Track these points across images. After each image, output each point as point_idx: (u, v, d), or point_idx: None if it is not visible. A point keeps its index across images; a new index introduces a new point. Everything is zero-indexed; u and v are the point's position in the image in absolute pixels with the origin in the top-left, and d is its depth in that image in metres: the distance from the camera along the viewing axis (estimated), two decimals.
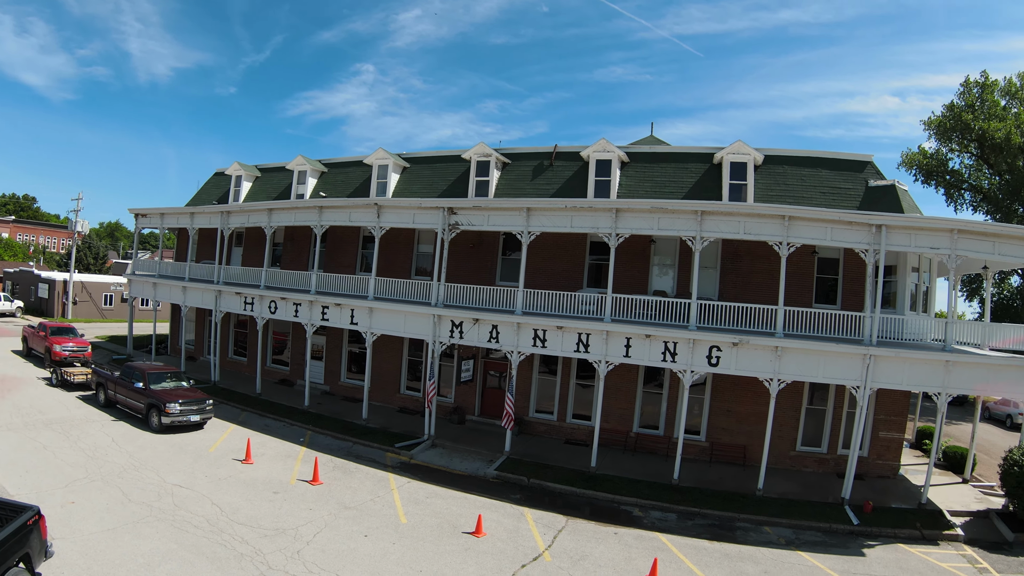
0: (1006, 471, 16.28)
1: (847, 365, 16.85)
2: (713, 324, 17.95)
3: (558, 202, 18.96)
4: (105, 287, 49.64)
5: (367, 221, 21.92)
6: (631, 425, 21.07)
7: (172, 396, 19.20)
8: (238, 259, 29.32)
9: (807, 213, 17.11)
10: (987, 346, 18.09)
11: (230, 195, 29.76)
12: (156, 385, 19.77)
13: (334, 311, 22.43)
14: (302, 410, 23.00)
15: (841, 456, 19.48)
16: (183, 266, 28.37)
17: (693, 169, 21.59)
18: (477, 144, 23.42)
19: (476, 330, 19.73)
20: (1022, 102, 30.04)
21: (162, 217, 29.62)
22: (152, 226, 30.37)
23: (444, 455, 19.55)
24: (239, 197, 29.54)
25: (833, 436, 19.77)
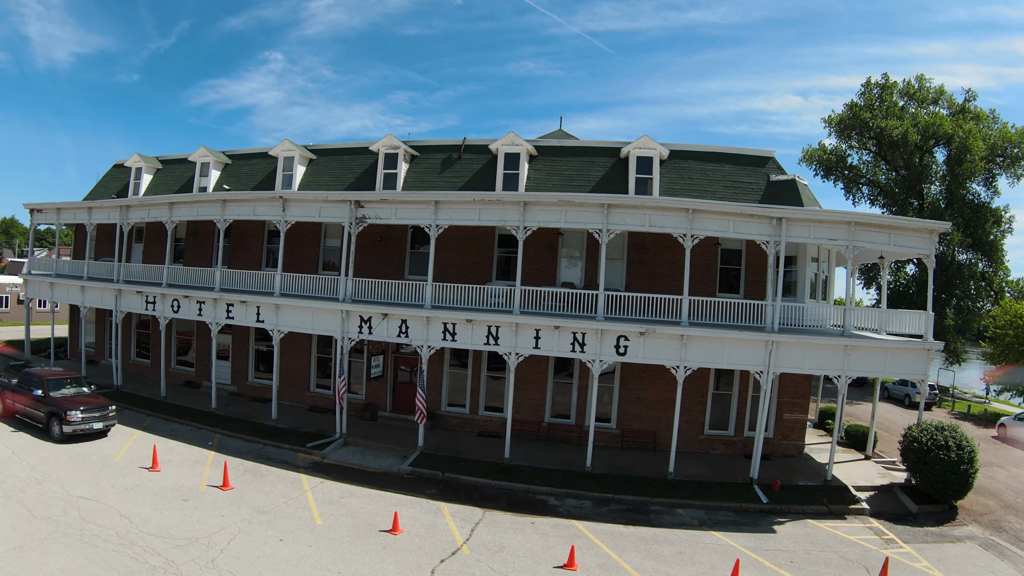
0: (906, 447, 16.76)
1: (751, 351, 16.92)
2: (621, 315, 17.66)
3: (466, 195, 18.16)
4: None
5: (272, 215, 20.48)
6: (543, 415, 20.60)
7: (73, 403, 17.76)
8: (139, 256, 26.98)
9: (710, 207, 17.04)
10: (884, 331, 18.64)
11: (130, 188, 27.38)
12: (56, 392, 18.28)
13: (239, 309, 20.87)
14: (209, 413, 21.35)
15: (748, 438, 19.67)
16: (81, 264, 25.88)
17: (600, 163, 21.27)
18: (385, 136, 22.30)
19: (385, 325, 18.71)
20: (919, 103, 31.53)
21: (58, 212, 26.91)
22: (48, 222, 27.57)
23: (357, 453, 18.49)
24: (139, 190, 27.23)
25: (740, 419, 19.92)
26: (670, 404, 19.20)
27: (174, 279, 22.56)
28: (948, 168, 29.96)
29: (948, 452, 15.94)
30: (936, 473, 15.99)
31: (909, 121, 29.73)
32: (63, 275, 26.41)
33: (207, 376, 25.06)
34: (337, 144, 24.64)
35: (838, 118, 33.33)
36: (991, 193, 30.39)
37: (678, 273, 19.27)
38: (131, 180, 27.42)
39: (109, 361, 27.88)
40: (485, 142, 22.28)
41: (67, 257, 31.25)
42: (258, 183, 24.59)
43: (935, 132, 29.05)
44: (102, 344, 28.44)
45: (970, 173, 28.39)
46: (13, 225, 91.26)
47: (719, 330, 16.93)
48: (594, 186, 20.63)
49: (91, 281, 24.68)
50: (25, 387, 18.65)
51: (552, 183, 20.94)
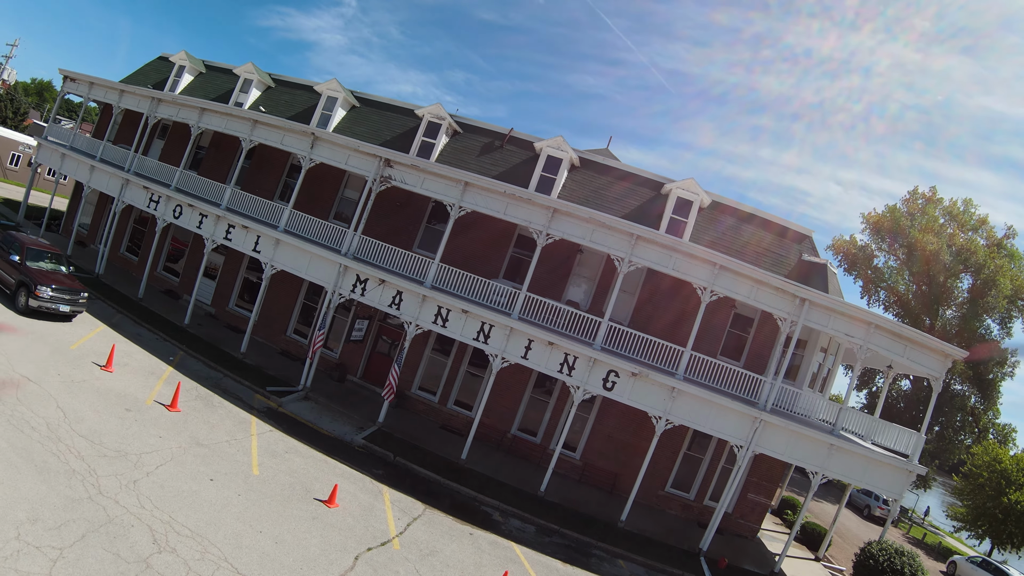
0: (861, 562, 15.98)
1: (737, 423, 16.15)
2: (617, 348, 16.82)
3: (497, 184, 17.27)
4: (14, 145, 43.63)
5: (299, 149, 19.57)
6: (511, 426, 19.72)
7: (46, 279, 16.72)
8: (156, 153, 25.95)
9: (737, 267, 16.26)
10: (869, 440, 17.87)
11: (168, 83, 26.36)
12: (33, 263, 17.21)
13: (239, 233, 19.95)
14: (181, 327, 20.36)
15: (707, 507, 18.89)
16: (97, 144, 24.87)
17: (639, 193, 20.44)
18: (433, 104, 21.40)
19: (380, 291, 17.82)
20: (959, 225, 30.79)
21: (91, 86, 25.97)
22: (79, 93, 26.63)
23: (315, 411, 17.57)
24: (176, 87, 26.23)
25: (703, 485, 19.10)
26: (639, 451, 18.46)
27: (184, 184, 21.61)
28: (969, 297, 29.33)
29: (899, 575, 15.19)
30: None
31: (945, 240, 29.08)
32: (77, 149, 25.40)
33: (189, 290, 24.07)
34: (383, 98, 23.68)
35: (877, 217, 32.69)
36: (1003, 333, 29.80)
37: (684, 322, 18.56)
38: (171, 76, 26.44)
39: (98, 247, 26.86)
40: (531, 139, 21.42)
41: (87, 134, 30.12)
42: (295, 114, 23.62)
43: (966, 258, 28.42)
44: (96, 228, 27.40)
45: (990, 308, 27.76)
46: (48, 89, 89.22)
47: (710, 392, 16.14)
48: (627, 213, 19.76)
49: (102, 163, 23.72)
50: (4, 249, 17.63)
51: (586, 197, 20.08)
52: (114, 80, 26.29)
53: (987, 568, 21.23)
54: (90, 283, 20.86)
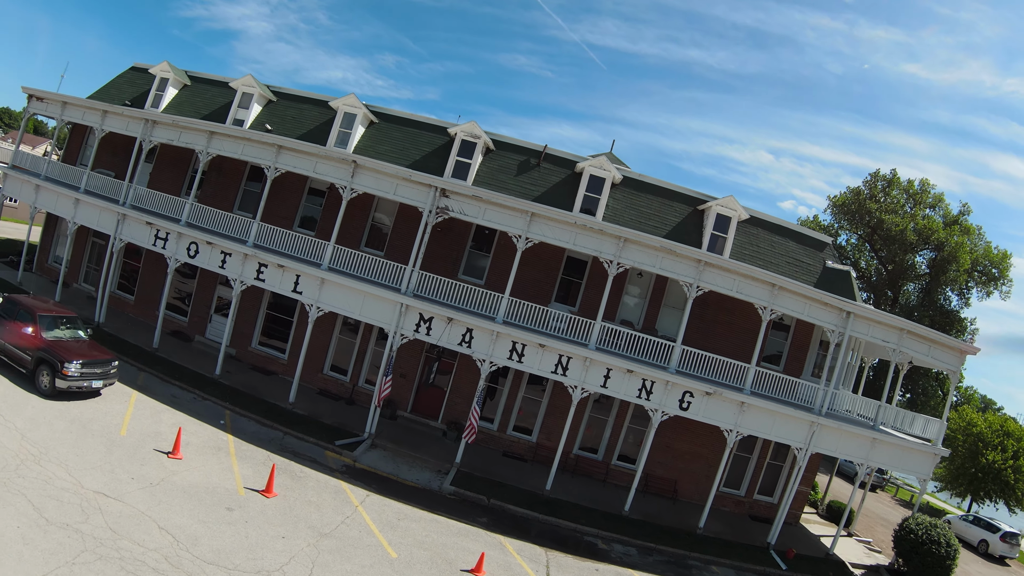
0: (902, 536, 17.94)
1: (796, 428, 17.45)
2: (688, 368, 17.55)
3: (566, 215, 17.16)
4: None
5: (336, 178, 18.28)
6: (572, 446, 20.14)
7: (70, 352, 14.66)
8: (144, 178, 23.25)
9: (793, 287, 17.32)
10: (897, 428, 19.86)
11: (149, 98, 23.43)
12: (49, 333, 15.06)
13: (274, 272, 18.54)
14: (211, 379, 18.89)
15: (756, 500, 20.43)
16: (79, 173, 21.97)
17: (677, 209, 20.96)
18: (468, 122, 20.57)
19: (448, 330, 17.37)
20: (917, 203, 33.88)
21: (63, 107, 22.71)
22: (50, 114, 23.32)
23: (388, 459, 17.09)
24: (160, 103, 23.40)
25: (752, 482, 20.58)
26: (696, 457, 19.64)
27: (198, 219, 19.70)
28: (931, 271, 32.82)
29: (939, 547, 17.33)
30: (927, 564, 17.37)
31: (909, 220, 32.08)
32: (54, 180, 22.23)
33: (201, 330, 22.34)
34: (407, 114, 22.39)
35: (842, 199, 35.40)
36: (962, 303, 33.77)
37: (732, 335, 19.57)
38: (152, 90, 23.49)
39: (84, 287, 24.27)
40: (570, 157, 21.25)
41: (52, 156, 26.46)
42: (307, 132, 21.90)
43: (928, 236, 31.62)
44: (78, 264, 24.47)
45: (951, 282, 31.29)
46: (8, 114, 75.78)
47: (774, 403, 17.31)
48: (669, 231, 20.25)
49: (89, 196, 21.10)
50: (8, 316, 15.31)
51: (630, 217, 20.30)
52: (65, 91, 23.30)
53: (979, 524, 24.64)
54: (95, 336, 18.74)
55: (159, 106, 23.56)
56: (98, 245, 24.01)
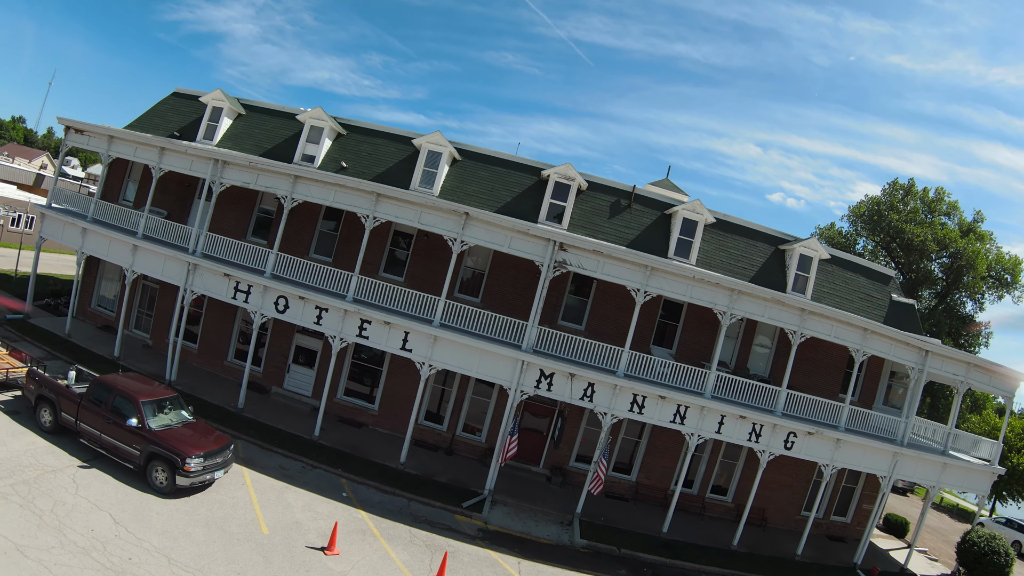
0: (965, 548, 21.77)
1: (881, 459, 20.76)
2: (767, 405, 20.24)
3: (684, 268, 19.30)
4: None
5: (445, 229, 19.50)
6: (669, 482, 22.79)
7: (187, 444, 14.64)
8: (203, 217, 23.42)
9: (882, 330, 20.34)
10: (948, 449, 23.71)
11: (201, 130, 23.55)
12: (155, 421, 14.95)
13: (379, 329, 19.73)
14: (310, 441, 19.91)
15: (831, 522, 23.91)
16: (135, 216, 22.00)
17: (761, 249, 23.59)
18: (563, 165, 22.20)
19: (570, 385, 19.35)
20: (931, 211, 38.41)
21: (109, 141, 22.50)
22: (92, 149, 22.80)
23: (512, 516, 19.02)
24: (215, 136, 23.59)
25: (829, 505, 24.00)
26: (781, 486, 22.79)
27: (286, 271, 20.41)
28: (947, 278, 37.51)
29: (999, 557, 21.31)
30: (988, 573, 21.36)
31: (928, 230, 36.45)
32: (104, 222, 22.14)
33: (278, 381, 23.23)
34: (493, 152, 23.68)
35: (861, 208, 39.56)
36: (976, 307, 38.74)
37: (815, 371, 22.67)
38: (204, 120, 23.62)
39: (136, 334, 24.22)
40: (658, 198, 23.38)
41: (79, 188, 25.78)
42: (385, 170, 22.87)
43: (946, 244, 36.11)
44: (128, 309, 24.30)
45: (967, 287, 36.07)
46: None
47: (864, 438, 20.48)
48: (755, 273, 22.89)
49: (149, 242, 21.28)
50: (104, 406, 15.17)
51: (721, 259, 22.77)
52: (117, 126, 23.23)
53: (1012, 526, 29.44)
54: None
55: (213, 138, 23.73)
56: (149, 288, 24.14)
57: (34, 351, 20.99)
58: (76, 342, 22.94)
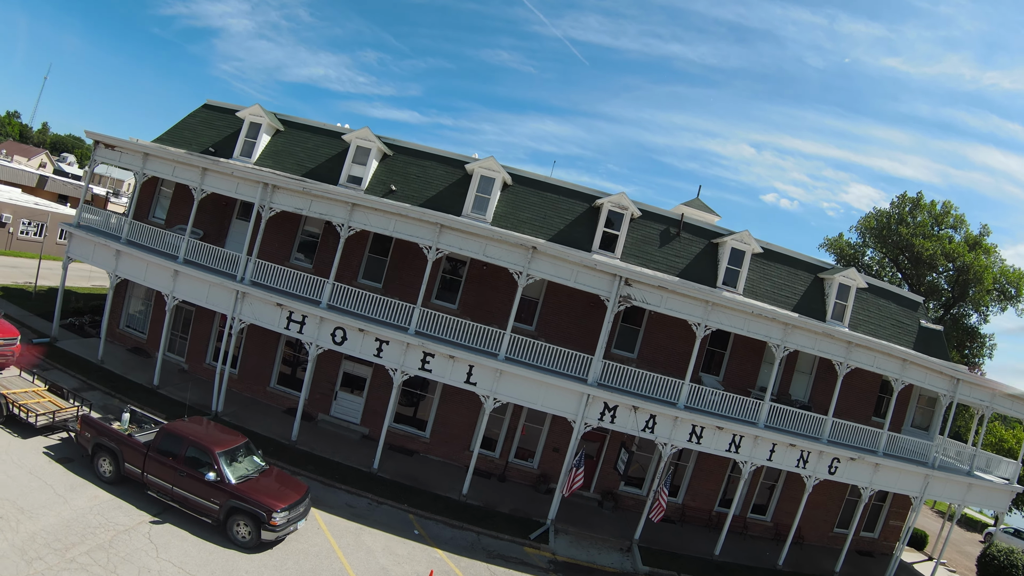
0: (986, 562, 24.69)
1: (914, 481, 23.35)
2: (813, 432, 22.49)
3: (744, 303, 21.20)
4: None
5: (511, 263, 20.78)
6: (713, 504, 24.89)
7: (270, 496, 15.02)
8: (240, 237, 24.02)
9: (919, 360, 22.81)
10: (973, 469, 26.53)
11: (238, 146, 24.13)
12: (233, 473, 15.22)
13: (442, 363, 20.97)
14: (369, 474, 21.07)
15: (860, 537, 26.49)
16: (173, 239, 22.51)
17: (802, 278, 25.75)
18: (618, 194, 23.76)
19: (634, 418, 21.09)
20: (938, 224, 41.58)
21: (144, 159, 22.77)
22: (125, 166, 23.01)
23: (575, 544, 20.78)
24: (253, 153, 24.18)
25: (860, 521, 26.54)
26: (816, 505, 25.19)
27: (343, 302, 21.37)
28: (953, 291, 40.75)
29: (1018, 571, 24.33)
30: None
31: (937, 244, 39.52)
32: (140, 245, 22.60)
33: (324, 408, 24.26)
34: (540, 176, 25.07)
35: (870, 221, 42.52)
36: (980, 319, 42.24)
37: (850, 394, 24.96)
38: (241, 136, 24.18)
39: (167, 356, 24.72)
40: (706, 227, 25.26)
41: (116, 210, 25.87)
42: (435, 195, 23.98)
43: (954, 259, 39.28)
44: (157, 330, 24.74)
45: (972, 300, 39.38)
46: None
47: (900, 462, 22.98)
48: (797, 302, 25.01)
49: (191, 268, 21.85)
50: (171, 456, 15.39)
51: (765, 288, 24.80)
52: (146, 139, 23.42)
53: (1020, 537, 32.83)
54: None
55: (251, 156, 24.32)
56: (184, 310, 24.61)
57: (68, 381, 21.63)
58: (110, 368, 23.48)
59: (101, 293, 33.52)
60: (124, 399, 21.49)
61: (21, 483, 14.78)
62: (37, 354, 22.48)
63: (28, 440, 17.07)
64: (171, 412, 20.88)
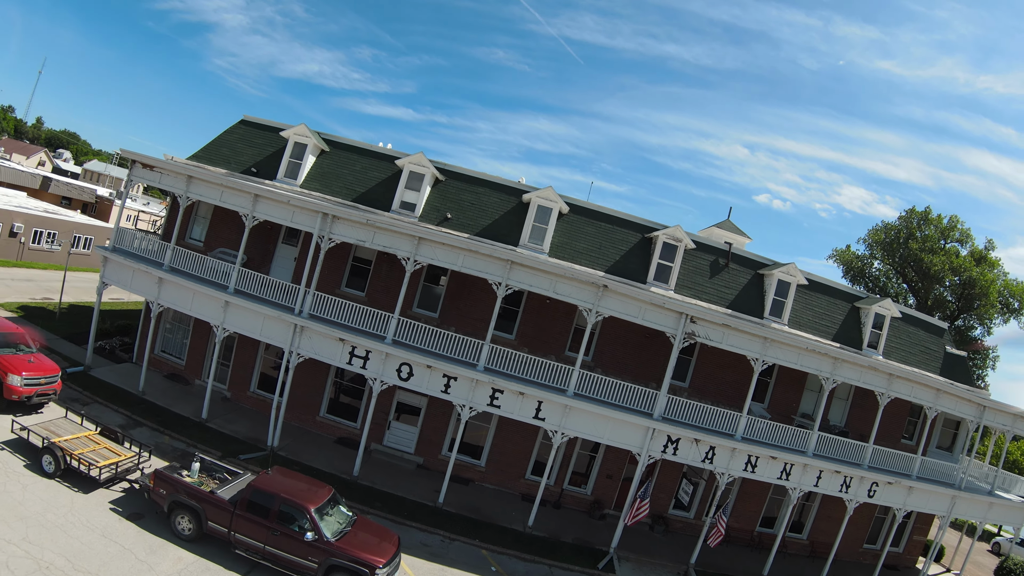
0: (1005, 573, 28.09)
1: (942, 501, 26.48)
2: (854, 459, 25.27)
3: (800, 340, 23.58)
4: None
5: (581, 300, 22.49)
6: (755, 525, 27.53)
7: (369, 552, 15.67)
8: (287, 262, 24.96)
9: (951, 389, 25.84)
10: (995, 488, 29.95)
11: (282, 168, 25.07)
12: (328, 528, 15.76)
13: (511, 399, 22.64)
14: (435, 508, 22.73)
15: (888, 552, 29.60)
16: (223, 267, 23.33)
17: (840, 307, 28.48)
18: (674, 227, 25.65)
19: (695, 449, 23.34)
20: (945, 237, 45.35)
21: (189, 181, 23.36)
22: (166, 187, 23.59)
23: (638, 571, 23.14)
24: (298, 175, 25.03)
25: (886, 538, 29.68)
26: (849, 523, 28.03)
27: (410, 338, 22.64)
28: (959, 305, 44.62)
29: None
30: None
31: (946, 259, 43.17)
32: (182, 272, 23.38)
33: (378, 438, 25.70)
34: (594, 206, 26.86)
35: (881, 235, 46.21)
36: (984, 331, 46.41)
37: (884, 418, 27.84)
38: (286, 157, 25.19)
39: (206, 383, 25.36)
40: (752, 258, 27.61)
41: None
42: (490, 223, 25.56)
43: (961, 274, 43.07)
44: (196, 356, 25.49)
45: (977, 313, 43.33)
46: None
47: (931, 484, 26.05)
48: (836, 331, 27.67)
49: (243, 298, 22.78)
50: (262, 514, 15.80)
51: (808, 318, 27.37)
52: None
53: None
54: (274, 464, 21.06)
55: (297, 177, 25.24)
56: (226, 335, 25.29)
57: (113, 417, 22.49)
58: (152, 399, 24.29)
59: (125, 310, 33.94)
60: (174, 435, 22.56)
61: (98, 550, 14.82)
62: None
63: (91, 495, 17.18)
64: (226, 448, 22.24)
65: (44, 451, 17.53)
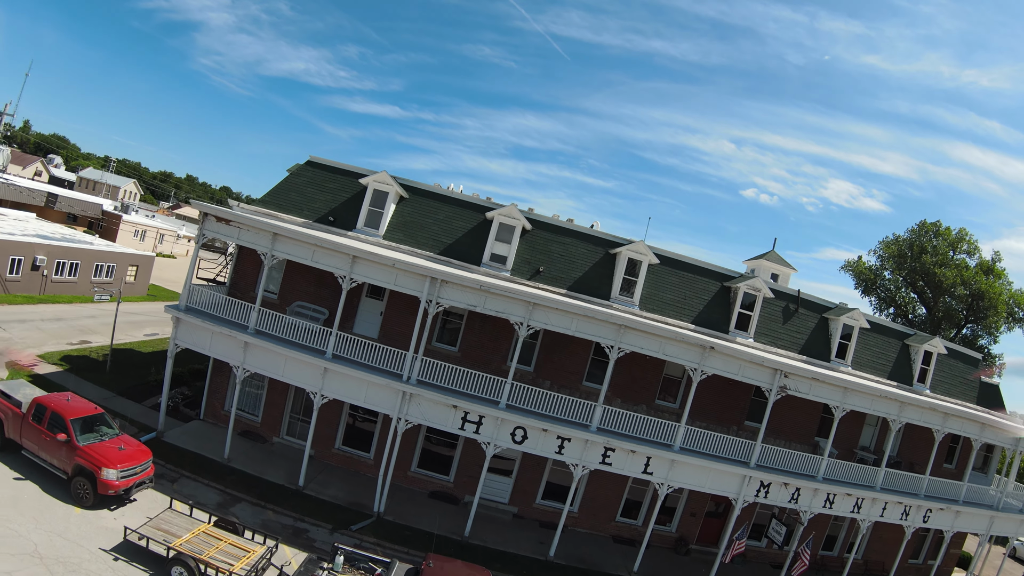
0: None
1: (982, 520, 32.16)
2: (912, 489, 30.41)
3: (874, 388, 28.05)
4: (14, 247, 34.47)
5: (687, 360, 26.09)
6: (818, 549, 32.39)
7: None
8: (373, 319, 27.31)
9: (994, 423, 31.29)
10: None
11: (362, 217, 27.48)
12: None
13: (621, 457, 26.30)
14: (549, 563, 26.15)
15: (927, 565, 35.39)
16: (322, 332, 25.44)
17: (892, 345, 33.50)
18: (754, 278, 29.56)
19: (784, 492, 27.76)
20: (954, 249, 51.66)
21: (274, 239, 24.77)
22: (247, 243, 24.96)
23: None
24: (380, 225, 27.44)
25: (927, 552, 35.29)
26: (895, 542, 33.49)
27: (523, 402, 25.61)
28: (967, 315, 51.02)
29: None
30: None
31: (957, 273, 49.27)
32: (270, 336, 25.34)
33: (469, 490, 28.59)
34: (680, 256, 30.44)
35: (895, 249, 52.22)
36: (990, 340, 52.99)
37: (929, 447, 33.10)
38: (366, 205, 27.56)
39: (291, 442, 27.46)
40: (819, 302, 32.28)
41: None
42: (581, 276, 28.93)
43: (971, 286, 49.33)
44: (276, 413, 27.43)
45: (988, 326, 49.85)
46: None
47: (975, 507, 31.56)
48: (891, 369, 32.59)
49: (342, 364, 24.78)
50: None
51: (866, 357, 32.25)
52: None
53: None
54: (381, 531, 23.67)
55: (379, 227, 27.87)
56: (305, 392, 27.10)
57: (207, 494, 23.50)
58: (238, 467, 25.98)
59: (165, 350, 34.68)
60: (277, 509, 24.03)
61: None
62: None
63: None
64: (333, 519, 24.34)
65: (173, 562, 17.34)
